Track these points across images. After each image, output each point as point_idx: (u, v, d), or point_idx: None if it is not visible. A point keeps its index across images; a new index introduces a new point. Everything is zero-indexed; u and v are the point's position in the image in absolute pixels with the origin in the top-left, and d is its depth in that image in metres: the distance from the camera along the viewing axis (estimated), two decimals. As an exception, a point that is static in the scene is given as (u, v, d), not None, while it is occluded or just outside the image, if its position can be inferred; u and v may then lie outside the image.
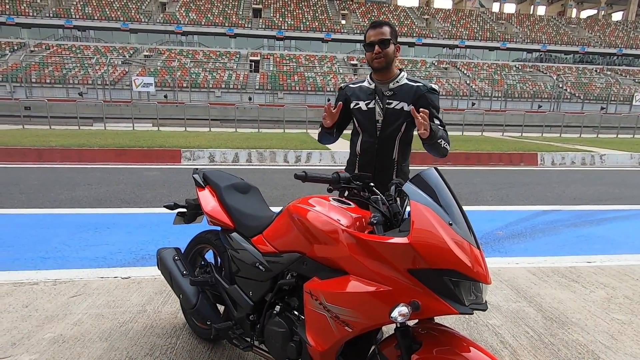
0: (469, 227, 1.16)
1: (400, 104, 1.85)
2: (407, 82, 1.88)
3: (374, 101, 1.88)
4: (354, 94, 1.96)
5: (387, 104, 1.86)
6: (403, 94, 1.86)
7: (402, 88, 1.87)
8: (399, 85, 1.87)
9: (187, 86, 27.53)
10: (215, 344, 2.09)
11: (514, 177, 7.66)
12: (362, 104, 1.92)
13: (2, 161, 7.86)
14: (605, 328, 2.31)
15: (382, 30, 1.80)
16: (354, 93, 1.96)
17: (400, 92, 1.86)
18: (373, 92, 1.90)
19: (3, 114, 17.42)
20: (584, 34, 43.75)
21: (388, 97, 1.87)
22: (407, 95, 1.85)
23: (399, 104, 1.85)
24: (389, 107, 1.86)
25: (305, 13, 41.21)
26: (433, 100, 1.88)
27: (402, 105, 1.85)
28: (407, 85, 1.87)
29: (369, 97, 1.90)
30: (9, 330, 2.14)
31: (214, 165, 8.48)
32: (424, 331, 1.22)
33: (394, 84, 1.87)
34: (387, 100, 1.87)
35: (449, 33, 41.27)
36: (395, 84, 1.87)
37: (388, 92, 1.87)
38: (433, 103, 1.88)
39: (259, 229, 1.69)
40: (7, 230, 3.83)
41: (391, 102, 1.86)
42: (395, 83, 1.87)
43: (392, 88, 1.87)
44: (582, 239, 4.04)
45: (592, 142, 14.11)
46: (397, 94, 1.86)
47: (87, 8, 36.33)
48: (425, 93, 1.86)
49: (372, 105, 1.88)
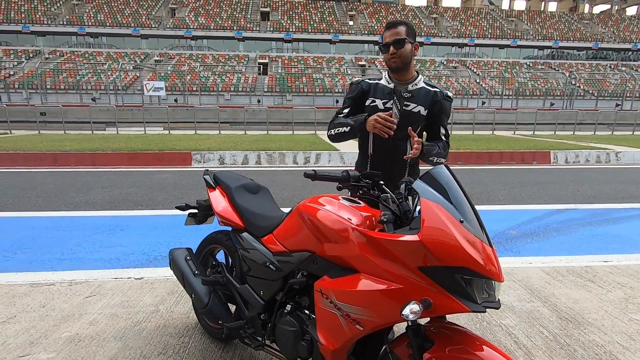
0: (481, 224, 1.15)
1: (418, 107, 1.84)
2: (424, 86, 1.88)
3: (391, 101, 1.86)
4: (371, 90, 1.91)
5: (405, 106, 1.84)
6: (421, 98, 1.85)
7: (420, 91, 1.86)
8: (417, 88, 1.86)
9: (196, 90, 27.86)
10: (227, 343, 2.10)
11: (526, 176, 7.53)
12: (379, 102, 1.87)
13: (20, 166, 8.06)
14: (623, 328, 2.26)
15: (397, 30, 1.77)
16: (372, 89, 1.91)
17: (418, 95, 1.85)
18: (391, 91, 1.86)
19: (20, 119, 17.88)
20: (597, 30, 42.87)
21: (406, 98, 1.84)
22: (425, 99, 1.85)
23: (416, 107, 1.84)
24: (406, 109, 1.84)
25: (313, 15, 41.33)
26: (447, 107, 1.90)
27: (420, 108, 1.84)
28: (424, 89, 1.87)
29: (387, 97, 1.87)
30: (27, 329, 2.20)
31: (224, 167, 8.55)
32: (436, 330, 1.20)
33: (413, 86, 1.86)
34: (404, 102, 1.85)
35: (458, 32, 40.89)
36: (414, 87, 1.86)
37: (406, 94, 1.85)
38: (446, 111, 1.91)
39: (270, 228, 1.70)
40: (24, 233, 3.93)
41: (409, 104, 1.84)
42: (414, 85, 1.86)
43: (411, 90, 1.85)
44: (598, 238, 3.95)
45: (607, 139, 13.80)
46: (415, 97, 1.85)
47: (99, 15, 37.09)
48: (441, 99, 1.87)
49: (390, 106, 1.86)
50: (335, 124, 1.95)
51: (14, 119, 16.88)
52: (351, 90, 1.97)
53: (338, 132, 1.92)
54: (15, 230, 4.02)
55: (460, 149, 9.87)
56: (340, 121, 1.92)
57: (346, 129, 1.88)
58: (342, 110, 2.00)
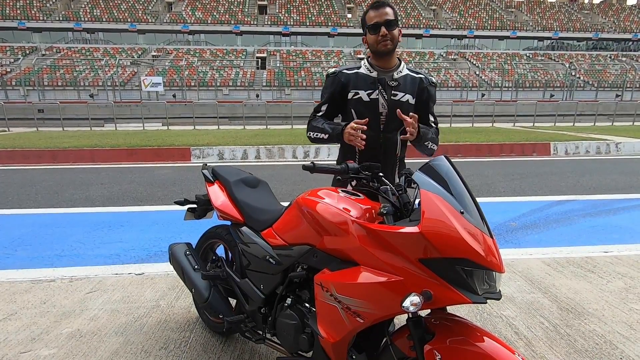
0: (481, 215, 1.14)
1: (406, 96, 1.71)
2: (409, 73, 1.75)
3: (377, 91, 1.70)
4: (351, 82, 1.74)
5: (393, 96, 1.70)
6: (407, 86, 1.72)
7: (406, 79, 1.73)
8: (402, 75, 1.72)
9: (195, 85, 27.73)
10: (228, 337, 2.11)
11: (526, 167, 7.52)
12: (363, 93, 1.72)
13: (19, 163, 8.04)
14: (623, 318, 2.26)
15: (385, 11, 1.62)
16: (351, 80, 1.74)
17: (405, 83, 1.72)
18: (375, 80, 1.71)
19: (18, 117, 17.81)
20: (597, 20, 42.57)
21: (393, 87, 1.70)
22: (412, 87, 1.73)
23: (404, 95, 1.71)
24: (394, 99, 1.70)
25: (311, 8, 41.00)
26: (433, 94, 1.80)
27: (408, 97, 1.71)
28: (410, 76, 1.74)
29: (371, 87, 1.71)
30: (29, 325, 2.20)
31: (223, 162, 8.54)
32: (437, 321, 1.20)
33: (398, 74, 1.72)
34: (392, 91, 1.70)
35: (457, 23, 40.61)
36: (399, 74, 1.72)
37: (393, 83, 1.70)
38: (432, 97, 1.80)
39: (269, 222, 1.69)
40: (24, 230, 3.92)
41: (396, 93, 1.71)
42: (399, 73, 1.72)
43: (397, 78, 1.71)
44: (598, 228, 3.95)
45: (607, 130, 13.76)
46: (401, 85, 1.71)
47: (95, 10, 36.79)
48: (427, 86, 1.77)
49: (376, 96, 1.70)
50: (314, 127, 1.80)
51: (11, 116, 16.82)
52: (328, 84, 1.80)
53: (316, 137, 1.79)
54: (15, 227, 4.02)
55: (460, 141, 9.84)
56: (319, 126, 1.77)
57: (324, 137, 1.75)
58: (320, 108, 1.84)
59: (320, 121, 1.80)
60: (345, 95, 1.77)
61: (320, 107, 1.85)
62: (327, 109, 1.83)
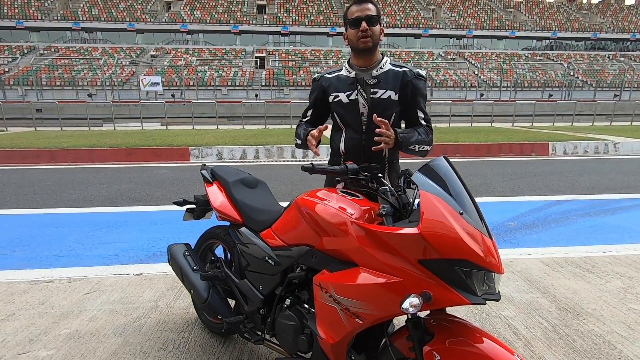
0: (480, 216, 1.14)
1: (387, 93, 1.64)
2: (391, 68, 1.68)
3: (355, 91, 1.66)
4: (331, 85, 1.73)
5: (372, 94, 1.65)
6: (388, 81, 1.65)
7: (387, 74, 1.66)
8: (383, 71, 1.66)
9: (193, 85, 27.69)
10: (227, 338, 2.11)
11: (525, 167, 7.54)
12: (343, 95, 1.69)
13: (17, 163, 8.02)
14: (622, 318, 2.27)
15: (367, 6, 1.59)
16: (332, 84, 1.73)
17: (386, 79, 1.65)
18: (354, 81, 1.67)
19: (16, 116, 17.77)
20: (595, 20, 42.67)
21: (372, 85, 1.65)
22: (394, 81, 1.65)
23: (385, 92, 1.64)
24: (374, 97, 1.65)
25: (310, 7, 40.99)
26: (421, 87, 1.69)
27: (389, 93, 1.64)
28: (392, 71, 1.67)
29: (350, 87, 1.67)
30: (27, 326, 2.19)
31: (222, 162, 8.53)
32: (436, 322, 1.20)
33: (378, 71, 1.66)
34: (371, 89, 1.65)
35: (456, 23, 40.66)
36: (380, 70, 1.66)
37: (372, 80, 1.65)
38: (421, 91, 1.69)
39: (268, 223, 1.69)
40: (22, 230, 3.91)
41: (376, 91, 1.64)
42: (379, 69, 1.66)
43: (376, 75, 1.65)
44: (597, 228, 3.96)
45: (606, 130, 13.79)
46: (381, 82, 1.65)
47: (93, 10, 36.70)
48: (412, 79, 1.66)
49: (355, 97, 1.67)
50: (296, 133, 1.83)
51: (9, 116, 16.78)
52: (313, 89, 1.82)
53: (296, 143, 1.81)
54: (13, 227, 4.01)
55: (459, 141, 9.85)
56: (299, 131, 1.80)
57: (299, 143, 1.77)
58: (306, 113, 1.87)
59: (302, 127, 1.83)
60: (327, 100, 1.77)
61: (307, 112, 1.88)
62: (312, 114, 1.86)
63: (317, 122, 1.88)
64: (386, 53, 28.41)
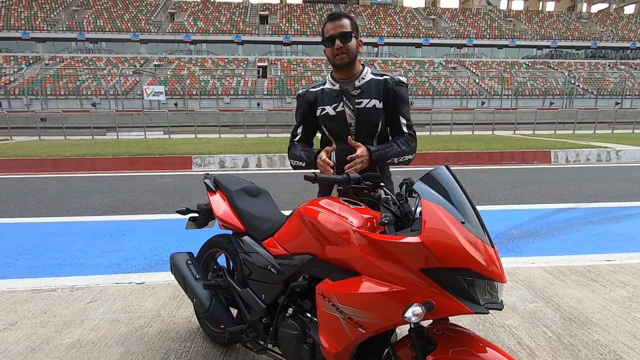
0: (482, 225, 1.14)
1: (372, 102, 1.69)
2: (373, 77, 1.72)
3: (341, 103, 1.70)
4: (317, 99, 1.76)
5: (357, 104, 1.69)
6: (371, 90, 1.69)
7: (370, 84, 1.70)
8: (365, 81, 1.70)
9: (196, 94, 27.92)
10: (229, 348, 2.10)
11: (527, 175, 7.53)
12: (329, 108, 1.72)
13: (21, 172, 8.07)
14: (627, 328, 2.25)
15: (341, 23, 1.62)
16: (317, 98, 1.76)
17: (369, 89, 1.69)
18: (339, 93, 1.71)
19: (20, 126, 17.92)
20: (595, 29, 42.95)
21: (356, 96, 1.69)
22: (376, 90, 1.69)
23: (369, 101, 1.69)
24: (359, 107, 1.69)
25: (311, 18, 41.48)
26: (403, 94, 1.73)
27: (374, 102, 1.69)
28: (373, 80, 1.71)
29: (335, 100, 1.71)
30: (29, 335, 2.19)
31: (225, 170, 8.56)
32: (439, 332, 1.20)
33: (360, 81, 1.70)
34: (355, 100, 1.69)
35: (456, 32, 41.00)
36: (362, 81, 1.70)
37: (355, 91, 1.69)
38: (403, 97, 1.73)
39: (270, 231, 1.70)
40: (25, 239, 3.93)
41: (361, 101, 1.69)
42: (362, 80, 1.70)
43: (359, 86, 1.69)
44: (600, 236, 3.94)
45: (607, 137, 13.79)
46: (365, 91, 1.69)
47: (98, 21, 37.25)
48: (393, 86, 1.70)
49: (341, 108, 1.71)
50: (292, 154, 1.83)
51: (14, 125, 16.92)
52: (298, 105, 1.83)
53: (297, 165, 1.82)
54: (16, 236, 4.02)
55: (461, 149, 9.86)
56: (297, 153, 1.80)
57: (302, 164, 1.79)
58: (296, 131, 1.87)
59: (298, 148, 1.82)
60: (314, 113, 1.79)
61: (296, 130, 1.87)
62: (302, 130, 1.86)
63: (308, 139, 1.89)
64: (387, 62, 28.50)
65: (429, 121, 18.29)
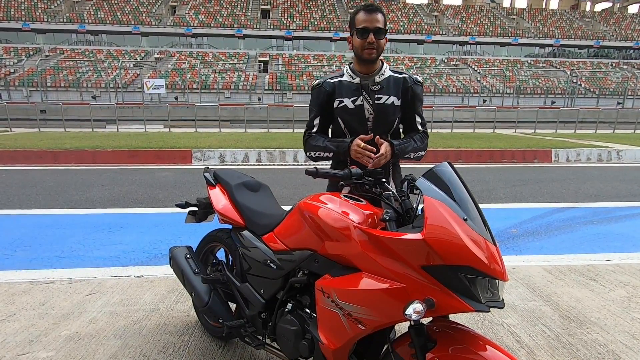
0: (485, 222, 1.13)
1: (391, 98, 1.70)
2: (392, 74, 1.73)
3: (361, 97, 1.69)
4: (335, 91, 1.74)
5: (377, 99, 1.69)
6: (391, 87, 1.70)
7: (389, 81, 1.71)
8: (385, 78, 1.71)
9: (197, 88, 27.83)
10: (228, 342, 2.09)
11: (527, 174, 7.51)
12: (348, 101, 1.71)
13: (20, 164, 8.05)
14: (626, 328, 2.25)
15: (377, 17, 1.59)
16: (335, 89, 1.74)
17: (388, 85, 1.70)
18: (358, 87, 1.70)
19: (20, 117, 17.88)
20: (598, 28, 42.73)
21: (376, 91, 1.69)
22: (395, 88, 1.71)
23: (389, 98, 1.69)
24: (379, 103, 1.69)
25: (313, 12, 41.22)
26: (419, 93, 1.76)
27: (393, 99, 1.70)
28: (393, 77, 1.73)
29: (355, 93, 1.70)
30: (27, 327, 2.19)
31: (225, 165, 8.54)
32: (439, 329, 1.19)
33: (380, 77, 1.70)
34: (375, 95, 1.69)
35: (459, 29, 40.78)
36: (382, 77, 1.71)
37: (376, 87, 1.69)
38: (419, 96, 1.76)
39: (270, 226, 1.69)
40: (24, 231, 3.92)
41: (380, 96, 1.69)
42: (382, 76, 1.71)
43: (379, 82, 1.70)
44: (600, 236, 3.94)
45: (609, 137, 13.77)
46: (384, 88, 1.70)
47: (99, 13, 37.02)
48: (412, 85, 1.73)
49: (360, 102, 1.70)
50: (313, 146, 1.78)
51: (14, 116, 16.88)
52: (315, 96, 1.79)
53: (319, 156, 1.79)
54: (15, 228, 4.02)
55: (462, 147, 9.84)
56: (319, 143, 1.76)
57: (329, 154, 1.76)
58: (312, 123, 1.81)
59: (320, 139, 1.78)
60: (331, 105, 1.76)
61: (313, 121, 1.82)
62: (319, 122, 1.81)
63: (325, 130, 1.86)
64: (389, 59, 28.31)
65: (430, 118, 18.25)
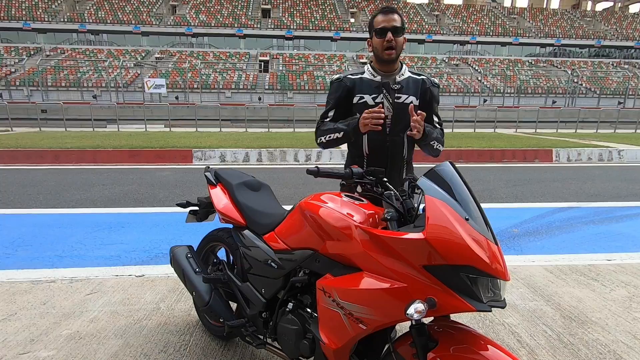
0: (486, 222, 1.13)
1: (410, 98, 1.76)
2: (411, 75, 1.80)
3: (381, 95, 1.75)
4: (356, 86, 1.78)
5: (397, 98, 1.75)
6: (410, 88, 1.77)
7: (409, 81, 1.78)
8: (404, 78, 1.78)
9: (197, 87, 27.82)
10: (228, 342, 2.09)
11: (528, 173, 7.50)
12: (368, 98, 1.76)
13: (21, 163, 8.06)
14: (627, 327, 2.24)
15: (394, 17, 1.66)
16: (356, 85, 1.78)
17: (407, 86, 1.77)
18: (379, 85, 1.76)
19: (21, 117, 17.88)
20: (599, 27, 42.63)
21: (396, 90, 1.75)
22: (414, 88, 1.78)
23: (408, 97, 1.75)
24: (398, 102, 1.75)
25: (314, 12, 41.17)
26: (436, 94, 1.84)
27: (411, 99, 1.76)
28: (412, 78, 1.79)
29: (376, 91, 1.75)
30: (28, 327, 2.19)
31: (225, 164, 8.54)
32: (440, 329, 1.19)
33: (400, 77, 1.77)
34: (395, 94, 1.75)
35: (459, 29, 40.71)
36: (401, 77, 1.77)
37: (396, 86, 1.75)
38: (436, 98, 1.84)
39: (271, 226, 1.69)
40: (25, 230, 3.92)
41: (400, 96, 1.75)
42: (401, 76, 1.77)
43: (400, 81, 1.76)
44: (601, 236, 3.93)
45: (610, 137, 13.74)
46: (404, 88, 1.76)
47: (100, 12, 37.01)
48: (430, 87, 1.81)
49: (380, 100, 1.75)
50: (324, 131, 1.81)
51: (15, 116, 16.89)
52: (334, 90, 1.83)
53: (329, 138, 1.80)
54: (16, 227, 4.02)
55: (462, 146, 9.83)
56: (329, 127, 1.79)
57: (339, 135, 1.76)
58: (327, 114, 1.85)
59: (330, 124, 1.82)
60: (350, 100, 1.80)
61: (327, 113, 1.85)
62: (334, 114, 1.84)
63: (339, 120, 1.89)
64: (390, 58, 28.38)
65: (430, 118, 18.19)
